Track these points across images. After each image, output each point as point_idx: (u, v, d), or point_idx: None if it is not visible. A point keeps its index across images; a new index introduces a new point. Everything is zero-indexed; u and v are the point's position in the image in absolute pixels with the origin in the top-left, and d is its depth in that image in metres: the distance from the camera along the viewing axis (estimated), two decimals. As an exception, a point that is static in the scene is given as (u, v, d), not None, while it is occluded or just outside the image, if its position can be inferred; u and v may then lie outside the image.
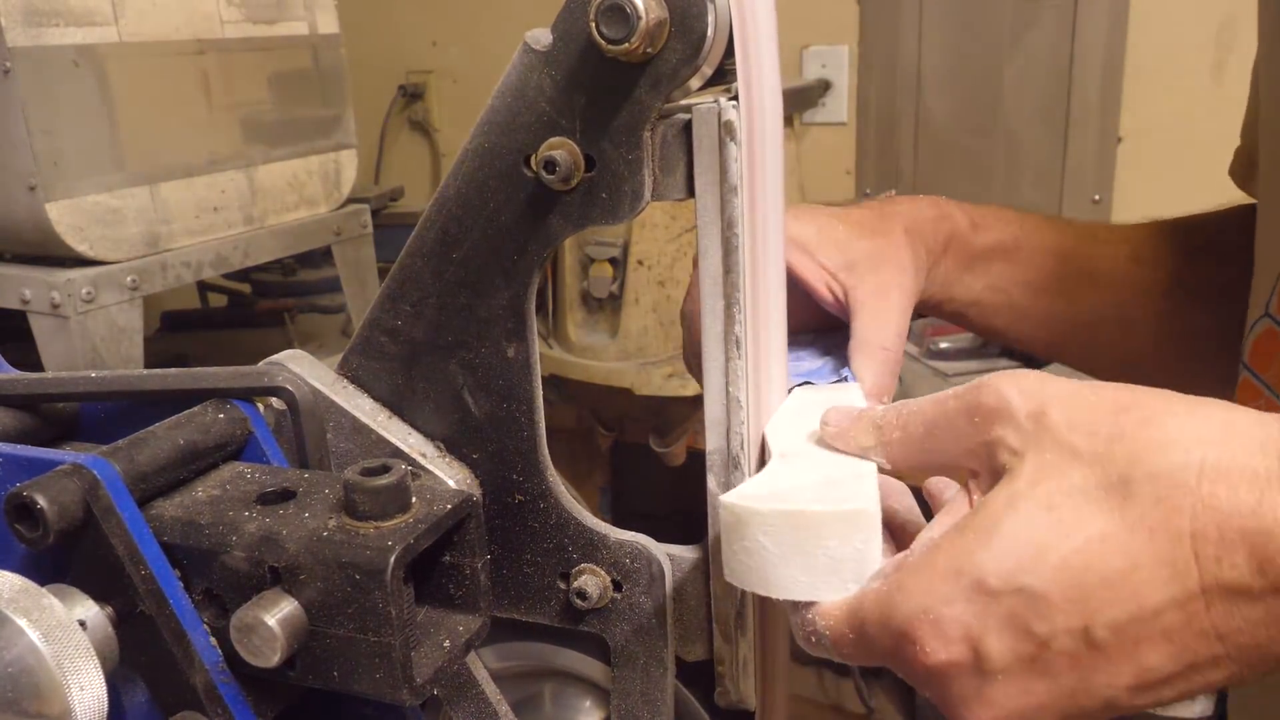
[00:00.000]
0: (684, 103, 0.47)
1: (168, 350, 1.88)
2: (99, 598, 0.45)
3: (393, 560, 0.42)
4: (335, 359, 0.56)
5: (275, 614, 0.43)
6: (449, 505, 0.47)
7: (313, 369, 0.54)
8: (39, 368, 1.16)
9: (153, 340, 1.90)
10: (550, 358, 1.87)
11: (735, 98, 0.46)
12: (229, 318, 2.14)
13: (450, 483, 0.54)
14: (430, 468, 0.54)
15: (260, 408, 0.53)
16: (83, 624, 0.43)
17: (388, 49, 2.70)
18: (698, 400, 0.51)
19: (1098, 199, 2.00)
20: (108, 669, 0.44)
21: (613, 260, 1.81)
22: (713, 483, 0.51)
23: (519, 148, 0.48)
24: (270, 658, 0.43)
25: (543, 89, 0.47)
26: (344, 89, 1.72)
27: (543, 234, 0.49)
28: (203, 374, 0.52)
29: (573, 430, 2.06)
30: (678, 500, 2.11)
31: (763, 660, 0.55)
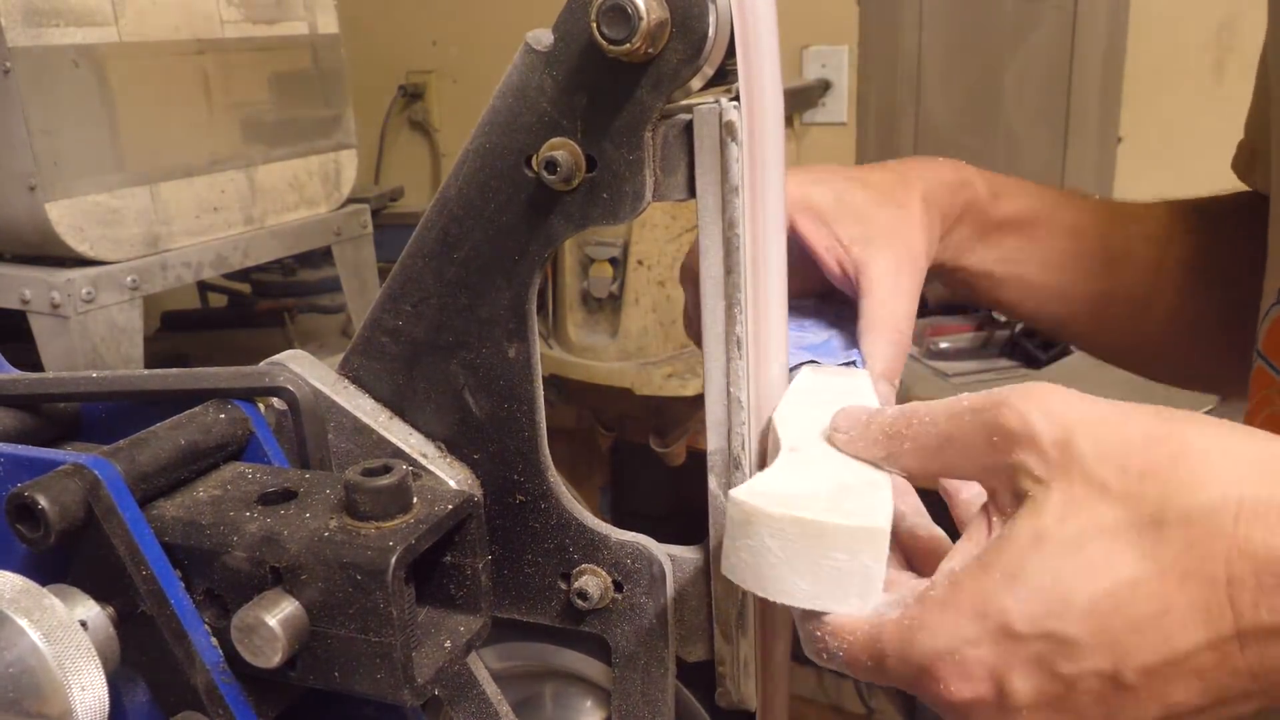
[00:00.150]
0: (685, 103, 0.47)
1: (168, 350, 1.88)
2: (100, 598, 0.45)
3: (394, 561, 0.42)
4: (335, 359, 0.56)
5: (276, 614, 0.43)
6: (450, 505, 0.47)
7: (314, 369, 0.54)
8: (39, 368, 1.16)
9: (153, 340, 1.90)
10: (550, 358, 1.87)
11: (736, 98, 0.46)
12: (229, 318, 2.14)
13: (451, 483, 0.54)
14: (431, 468, 0.54)
15: (261, 408, 0.53)
16: (84, 624, 0.43)
17: (388, 49, 2.70)
18: (698, 400, 0.51)
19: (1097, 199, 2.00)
20: (109, 669, 0.44)
21: (613, 260, 1.81)
22: (714, 483, 0.51)
23: (520, 148, 0.48)
24: (271, 658, 0.43)
25: (544, 89, 0.47)
26: (344, 89, 1.72)
27: (544, 234, 0.49)
28: (203, 374, 0.52)
29: (573, 430, 2.06)
30: (678, 500, 2.11)
31: (763, 660, 0.55)
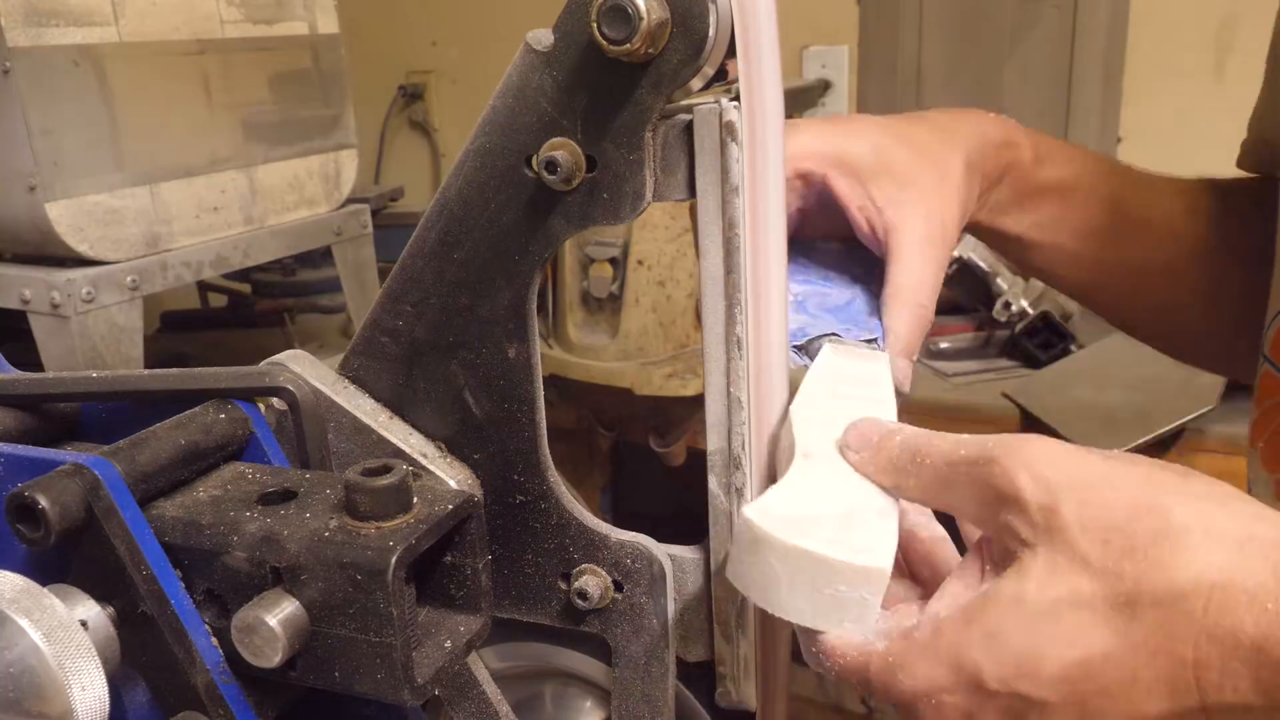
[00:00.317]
0: (685, 103, 0.47)
1: (168, 350, 1.88)
2: (100, 598, 0.45)
3: (394, 561, 0.42)
4: (335, 359, 0.56)
5: (276, 614, 0.43)
6: (450, 505, 0.47)
7: (314, 369, 0.54)
8: (39, 368, 1.16)
9: (153, 340, 1.90)
10: (550, 358, 1.87)
11: (737, 98, 0.46)
12: (229, 318, 2.14)
13: (451, 483, 0.54)
14: (431, 468, 0.54)
15: (261, 408, 0.53)
16: (84, 624, 0.43)
17: (388, 49, 2.70)
18: (698, 400, 0.51)
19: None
20: (109, 669, 0.44)
21: (613, 260, 1.81)
22: (713, 483, 0.51)
23: (520, 148, 0.48)
24: (271, 658, 0.43)
25: (544, 89, 0.47)
26: (344, 89, 1.72)
27: (544, 234, 0.49)
28: (203, 374, 0.52)
29: (573, 430, 2.06)
30: (678, 500, 2.11)
31: (763, 660, 0.55)
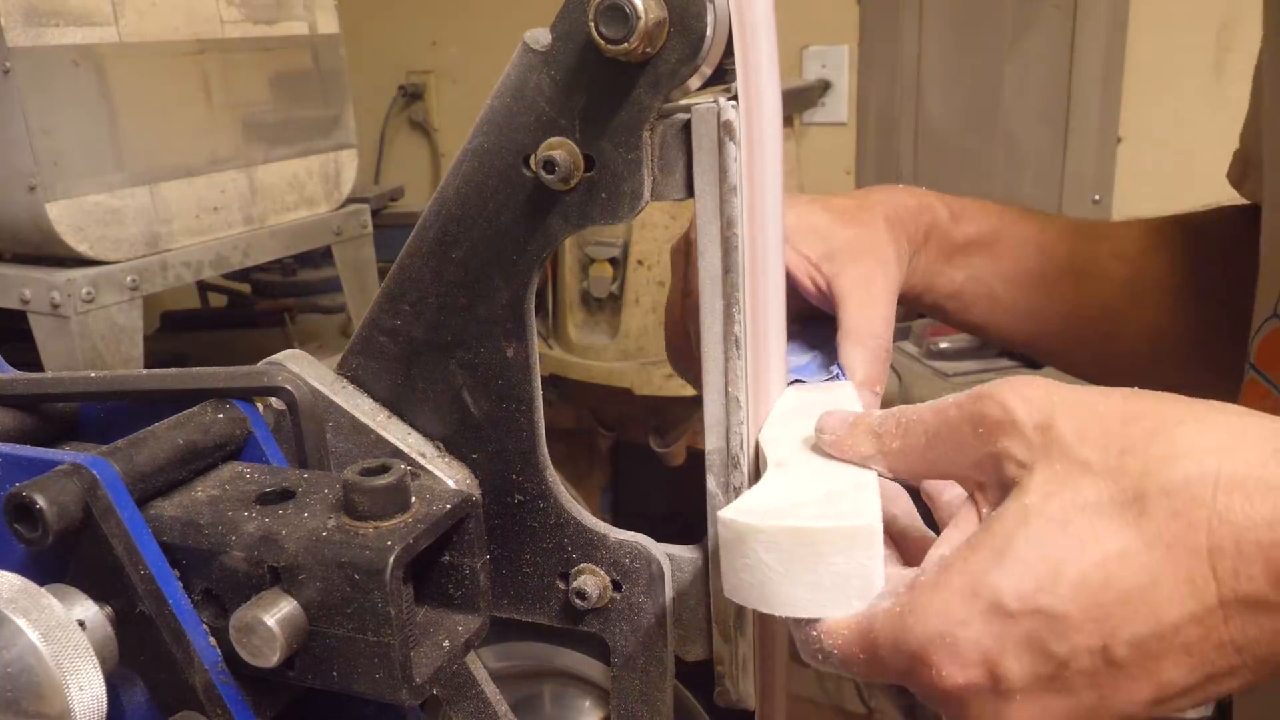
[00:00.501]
0: (683, 103, 0.47)
1: (168, 350, 1.88)
2: (98, 598, 0.45)
3: (392, 560, 0.42)
4: (335, 359, 0.56)
5: (274, 614, 0.43)
6: (448, 505, 0.47)
7: (312, 369, 0.54)
8: (39, 368, 1.16)
9: (153, 340, 1.90)
10: (550, 358, 1.87)
11: (735, 97, 0.46)
12: (229, 318, 2.14)
13: (450, 483, 0.54)
14: (430, 468, 0.54)
15: (260, 408, 0.53)
16: (82, 624, 0.43)
17: (388, 49, 2.70)
18: (698, 400, 0.51)
19: (1098, 199, 2.00)
20: (107, 669, 0.44)
21: (613, 260, 1.81)
22: (713, 483, 0.51)
23: (518, 148, 0.48)
24: (269, 658, 0.43)
25: (542, 89, 0.47)
26: (344, 89, 1.72)
27: (542, 234, 0.49)
28: (202, 374, 0.52)
29: (573, 430, 2.06)
30: (678, 500, 2.11)
31: (762, 660, 0.55)
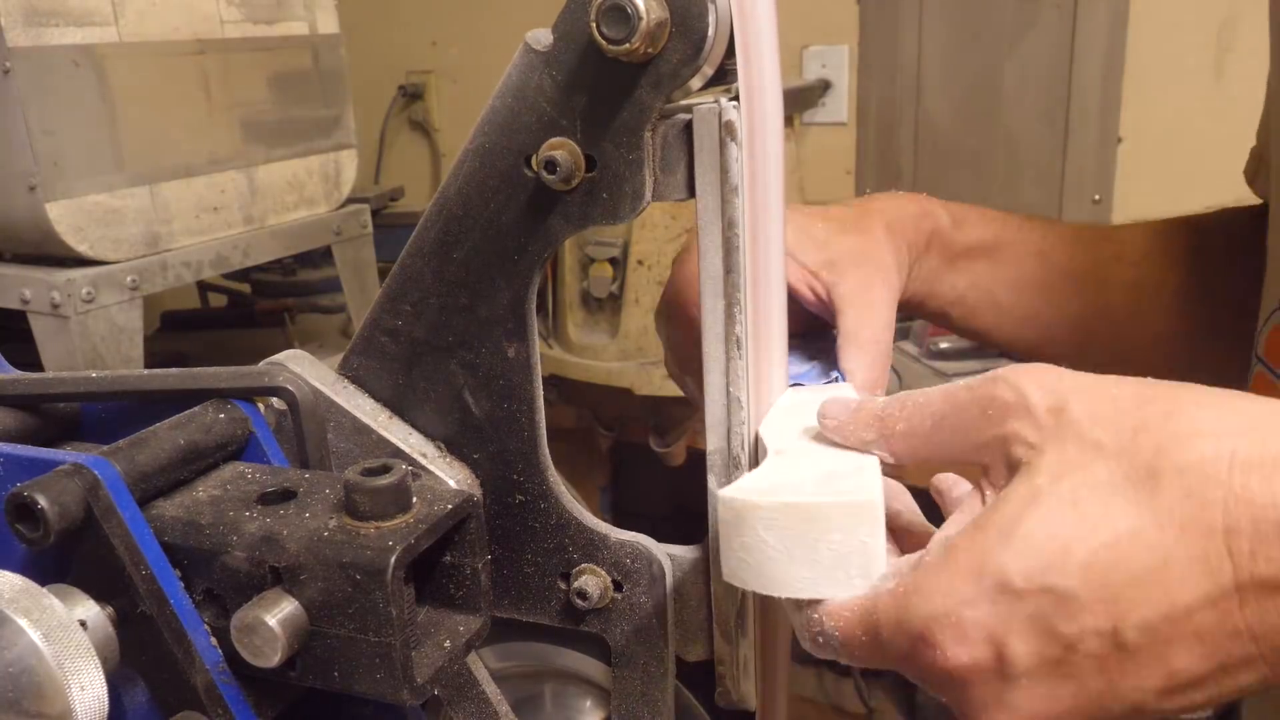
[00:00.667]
0: (685, 103, 0.47)
1: (168, 350, 1.88)
2: (100, 598, 0.45)
3: (393, 560, 0.42)
4: (335, 359, 0.56)
5: (276, 614, 0.43)
6: (449, 505, 0.47)
7: (313, 369, 0.54)
8: (39, 368, 1.16)
9: (153, 340, 1.90)
10: (550, 358, 1.87)
11: (736, 98, 0.46)
12: (229, 318, 2.14)
13: (451, 483, 0.54)
14: (431, 468, 0.54)
15: (261, 408, 0.53)
16: (83, 624, 0.43)
17: (388, 49, 2.70)
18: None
19: (1098, 199, 2.00)
20: (108, 669, 0.44)
21: (613, 260, 1.81)
22: (713, 483, 0.51)
23: (519, 148, 0.48)
24: (271, 658, 0.43)
25: (543, 89, 0.47)
26: (344, 89, 1.72)
27: (543, 234, 0.49)
28: (203, 374, 0.52)
29: (573, 430, 2.06)
30: (678, 500, 2.11)
31: (763, 660, 0.55)
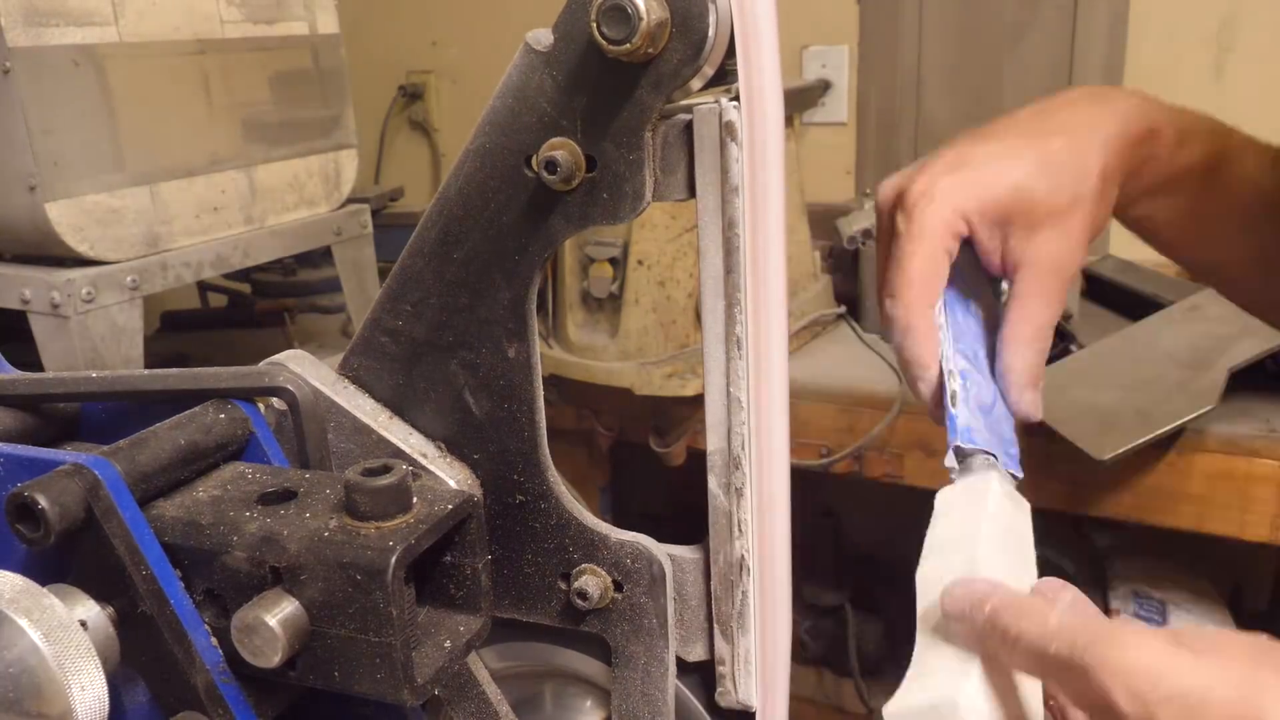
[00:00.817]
0: (685, 103, 0.47)
1: (168, 350, 1.88)
2: (100, 598, 0.45)
3: (394, 561, 0.42)
4: (335, 359, 0.56)
5: (276, 614, 0.43)
6: (450, 505, 0.47)
7: (314, 369, 0.54)
8: (39, 368, 1.16)
9: (153, 340, 1.90)
10: (550, 358, 1.87)
11: (736, 98, 0.46)
12: (229, 318, 2.14)
13: (451, 483, 0.54)
14: (431, 468, 0.54)
15: (261, 408, 0.53)
16: (84, 624, 0.43)
17: (388, 49, 2.70)
18: (698, 400, 0.51)
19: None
20: (109, 669, 0.44)
21: (613, 260, 1.80)
22: (713, 483, 0.51)
23: (520, 148, 0.48)
24: (271, 658, 0.43)
25: (544, 89, 0.47)
26: (344, 89, 1.72)
27: (544, 234, 0.49)
28: (203, 374, 0.52)
29: (573, 430, 2.06)
30: (678, 500, 2.11)
31: (763, 660, 0.55)
